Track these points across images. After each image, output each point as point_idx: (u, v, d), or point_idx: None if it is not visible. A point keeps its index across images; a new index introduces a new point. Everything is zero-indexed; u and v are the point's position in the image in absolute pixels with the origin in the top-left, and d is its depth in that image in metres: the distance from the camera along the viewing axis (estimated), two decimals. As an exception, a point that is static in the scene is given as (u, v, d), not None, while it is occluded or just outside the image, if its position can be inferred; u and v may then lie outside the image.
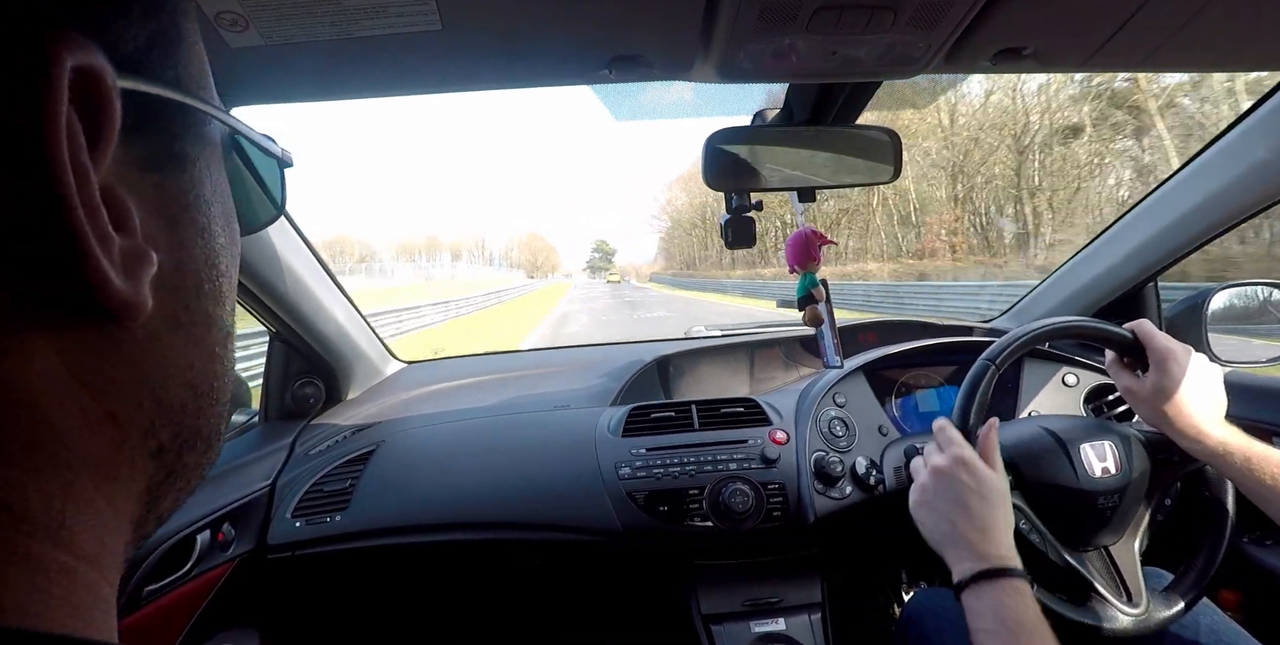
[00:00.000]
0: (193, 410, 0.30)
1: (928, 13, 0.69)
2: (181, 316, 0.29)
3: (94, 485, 0.25)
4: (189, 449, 0.30)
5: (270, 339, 1.58)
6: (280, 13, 0.62)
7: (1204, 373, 1.03)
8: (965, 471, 0.93)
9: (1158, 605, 1.03)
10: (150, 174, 0.27)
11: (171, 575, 1.10)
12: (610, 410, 1.55)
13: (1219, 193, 1.31)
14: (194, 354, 0.30)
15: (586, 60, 0.78)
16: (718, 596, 1.39)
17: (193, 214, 0.30)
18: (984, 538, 0.88)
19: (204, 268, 0.30)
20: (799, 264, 1.19)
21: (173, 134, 0.29)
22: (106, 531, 0.26)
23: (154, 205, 0.27)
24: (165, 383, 0.28)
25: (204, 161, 0.31)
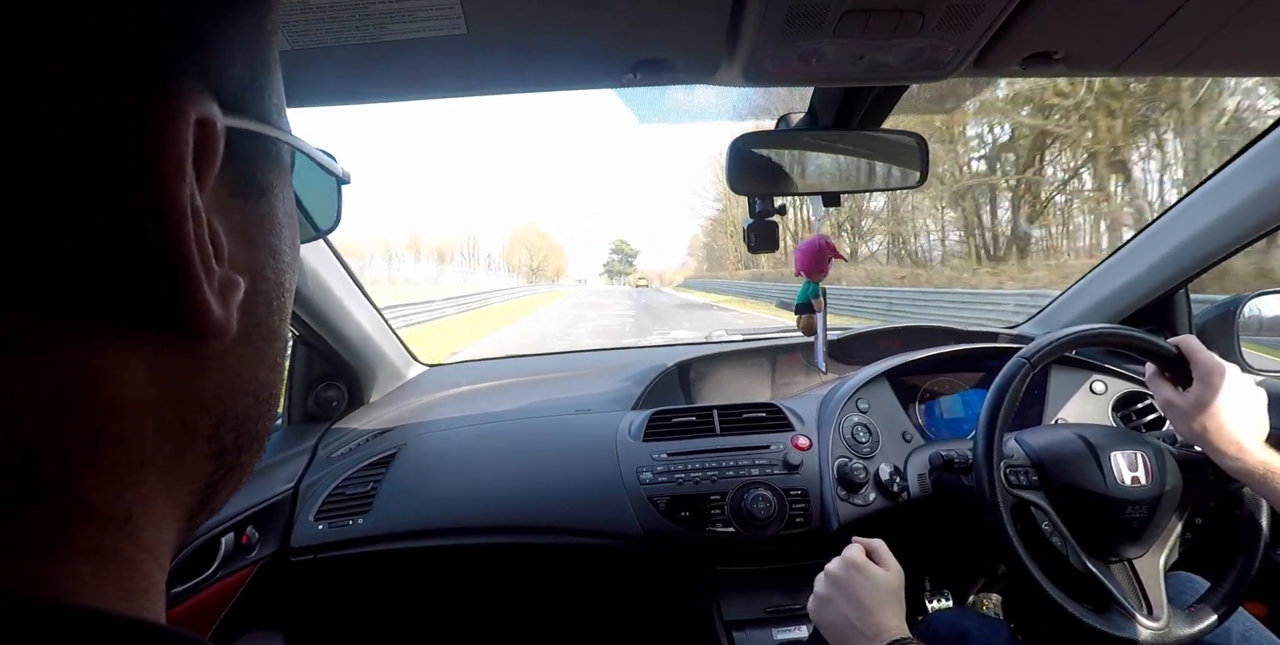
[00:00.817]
0: (254, 416, 0.32)
1: (957, 16, 0.68)
2: (253, 333, 0.31)
3: (161, 483, 0.27)
4: (246, 450, 0.32)
5: (294, 342, 1.59)
6: (307, 17, 0.62)
7: (1248, 392, 1.01)
8: (854, 571, 0.99)
9: (1180, 622, 1.01)
10: (236, 200, 0.29)
11: (197, 577, 1.11)
12: (631, 414, 1.55)
13: (1252, 199, 1.28)
14: (260, 366, 0.32)
15: (611, 64, 0.77)
16: (740, 603, 1.38)
17: (268, 237, 0.31)
18: (874, 620, 0.94)
19: (274, 286, 0.32)
20: (807, 271, 1.19)
21: (257, 163, 0.30)
22: (165, 524, 0.28)
23: (238, 230, 0.29)
24: (234, 393, 0.30)
25: (280, 186, 0.32)
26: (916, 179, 1.06)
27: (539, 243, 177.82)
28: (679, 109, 1.04)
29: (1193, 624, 1.01)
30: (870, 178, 1.07)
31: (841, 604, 0.97)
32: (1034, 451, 1.09)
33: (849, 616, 0.95)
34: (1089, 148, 23.10)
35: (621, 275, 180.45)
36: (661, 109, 1.03)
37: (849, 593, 0.97)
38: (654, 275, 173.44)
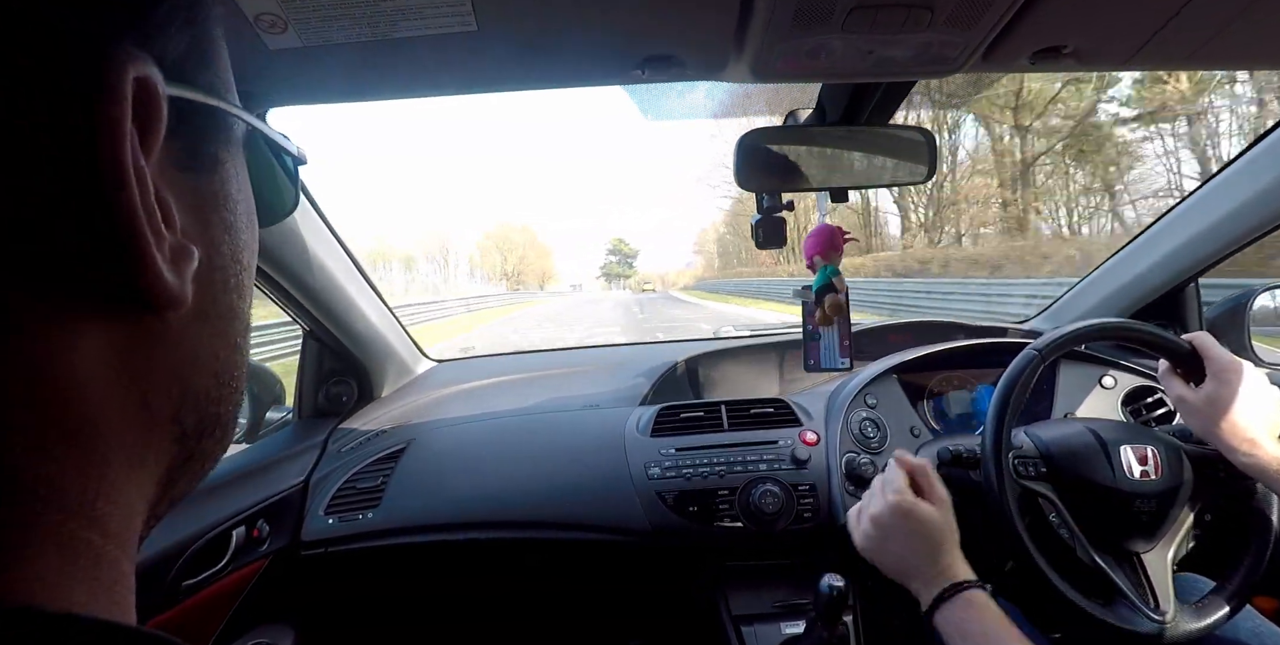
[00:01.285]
0: (215, 398, 0.31)
1: (966, 11, 0.68)
2: (210, 310, 0.30)
3: (125, 469, 0.26)
4: (208, 435, 0.31)
5: (304, 338, 1.60)
6: (319, 14, 0.63)
7: (1262, 389, 1.01)
8: (901, 517, 0.97)
9: (1186, 617, 1.00)
10: (185, 174, 0.29)
11: (208, 570, 1.12)
12: (639, 410, 1.55)
13: (1264, 192, 1.28)
14: (219, 345, 0.31)
15: (620, 60, 0.78)
16: (747, 597, 1.38)
17: (222, 212, 0.31)
18: (932, 563, 0.92)
19: (230, 263, 0.32)
20: (821, 254, 1.18)
21: (205, 136, 0.30)
22: (130, 513, 0.27)
23: (189, 204, 0.29)
24: (193, 372, 0.30)
25: (232, 161, 0.32)
26: (924, 174, 1.06)
27: (519, 242, 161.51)
28: (687, 105, 1.04)
29: (1201, 618, 1.01)
30: (878, 173, 1.07)
31: (896, 544, 0.97)
32: (1043, 443, 1.09)
33: (905, 556, 0.95)
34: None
35: (620, 278, 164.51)
36: (669, 105, 1.04)
37: (903, 536, 0.97)
38: (656, 278, 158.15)
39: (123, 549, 0.26)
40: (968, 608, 0.86)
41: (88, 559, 0.24)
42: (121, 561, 0.26)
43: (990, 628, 0.84)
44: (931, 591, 0.90)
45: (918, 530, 0.95)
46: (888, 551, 0.98)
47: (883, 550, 0.99)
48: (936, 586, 0.89)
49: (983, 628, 0.84)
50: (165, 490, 0.30)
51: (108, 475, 0.25)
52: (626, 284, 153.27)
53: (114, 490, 0.26)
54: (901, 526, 0.97)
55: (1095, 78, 21.14)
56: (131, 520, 0.27)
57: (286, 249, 1.26)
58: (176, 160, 0.28)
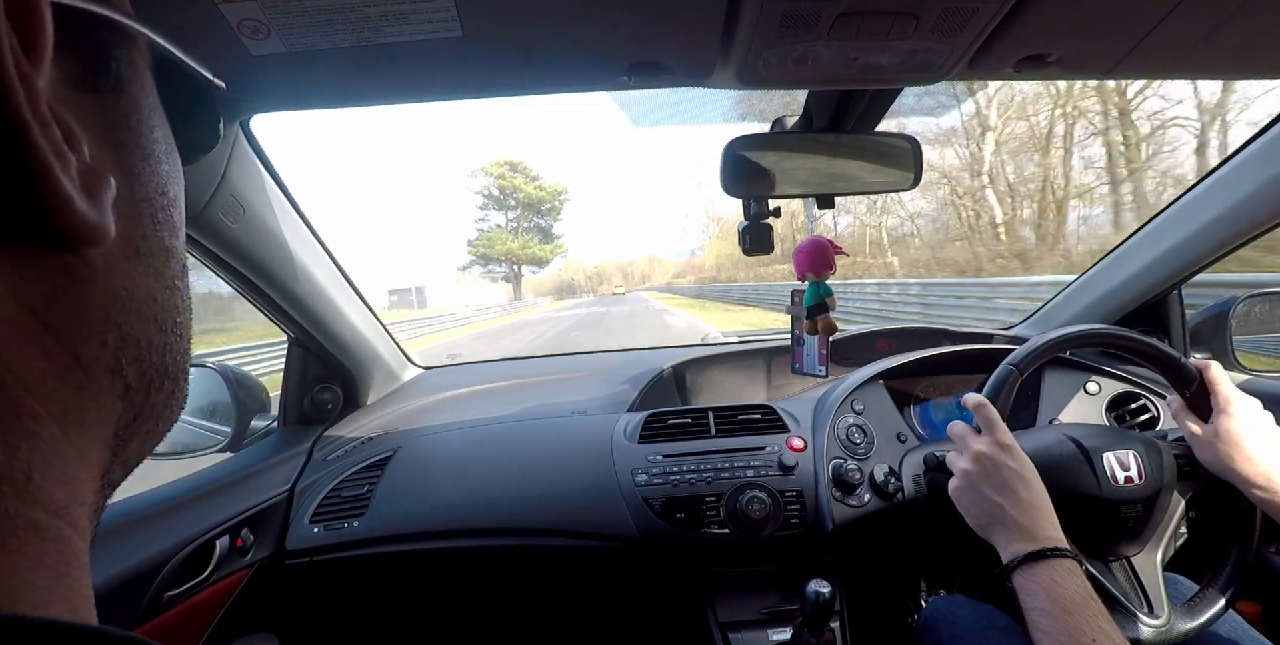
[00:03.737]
0: (159, 346, 0.29)
1: (951, 19, 0.69)
2: (140, 246, 0.28)
3: (61, 432, 0.23)
4: (157, 389, 0.29)
5: (289, 345, 1.59)
6: (302, 20, 0.62)
7: (1269, 424, 1.02)
8: (1008, 455, 0.95)
9: (1180, 617, 1.01)
10: (87, 94, 0.26)
11: (191, 581, 1.10)
12: (627, 416, 1.55)
13: (1247, 199, 1.29)
14: (155, 286, 0.29)
15: (606, 67, 0.78)
16: (735, 604, 1.38)
17: (137, 138, 0.28)
18: (1032, 520, 0.89)
19: (155, 195, 0.29)
20: (814, 271, 1.19)
21: (104, 53, 0.27)
22: (76, 482, 0.24)
23: (96, 128, 0.26)
24: (129, 318, 0.27)
25: (139, 84, 0.29)
26: (910, 181, 1.07)
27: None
28: (674, 111, 1.04)
29: (1193, 618, 1.01)
30: (864, 180, 1.07)
31: (993, 490, 0.93)
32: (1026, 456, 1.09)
33: (1003, 506, 0.91)
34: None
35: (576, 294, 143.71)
36: (656, 111, 1.04)
37: (1003, 479, 0.93)
38: (637, 273, 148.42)
39: (73, 525, 0.23)
40: (1067, 574, 0.83)
41: (31, 538, 0.21)
42: (73, 540, 0.23)
43: (1084, 599, 0.80)
44: (1022, 547, 0.86)
45: (1020, 473, 0.93)
46: (981, 492, 0.94)
47: (975, 491, 0.95)
48: (1034, 543, 0.86)
49: (1076, 596, 0.80)
50: (116, 454, 0.27)
51: (41, 440, 0.22)
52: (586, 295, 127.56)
53: (52, 457, 0.23)
54: (1005, 465, 0.94)
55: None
56: (78, 491, 0.24)
57: (270, 255, 1.26)
58: (75, 79, 0.25)
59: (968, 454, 0.99)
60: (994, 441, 0.96)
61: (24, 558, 0.21)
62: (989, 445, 0.96)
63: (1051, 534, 0.87)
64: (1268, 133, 1.24)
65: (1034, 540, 0.87)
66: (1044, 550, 0.85)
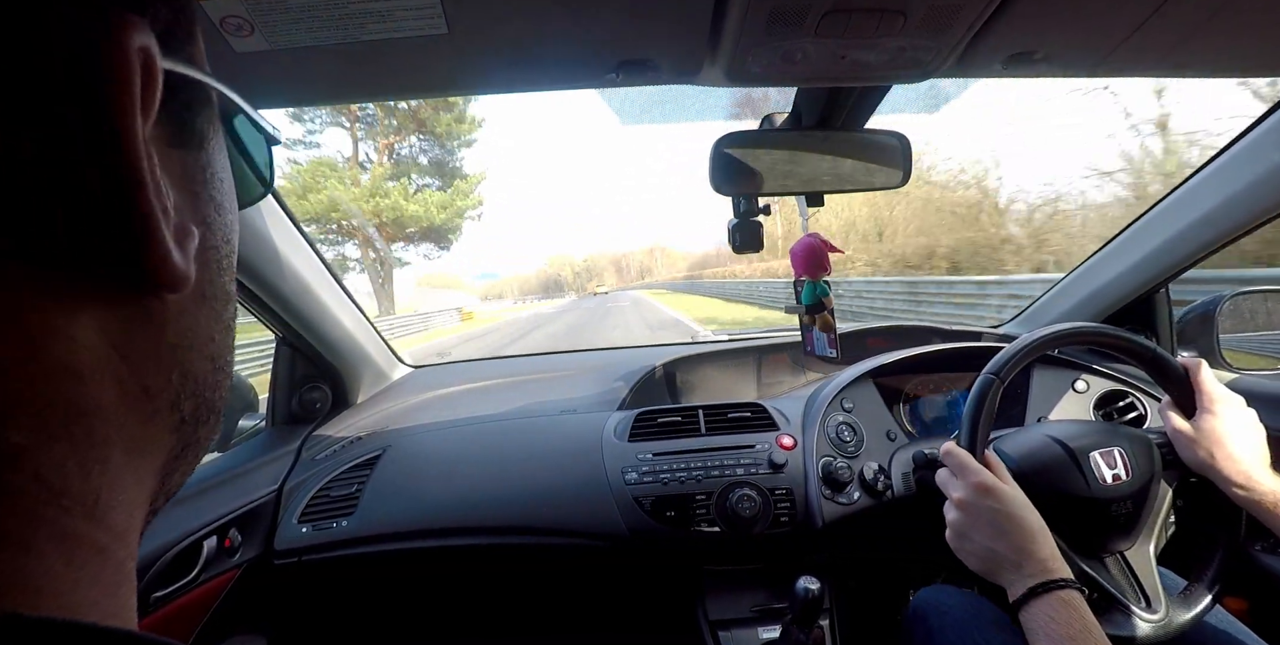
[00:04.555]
0: (211, 383, 0.31)
1: (939, 16, 0.69)
2: (206, 290, 0.30)
3: (126, 460, 0.25)
4: (204, 422, 0.31)
5: (277, 344, 1.58)
6: (285, 17, 0.62)
7: (1252, 421, 1.03)
8: (989, 497, 0.93)
9: (1177, 609, 1.01)
10: (175, 150, 0.28)
11: (178, 582, 1.10)
12: (617, 415, 1.55)
13: (1233, 198, 1.29)
14: (215, 328, 0.31)
15: (594, 64, 0.77)
16: (725, 602, 1.38)
17: (210, 190, 0.30)
18: (1025, 556, 0.88)
19: (223, 243, 0.31)
20: (809, 272, 1.19)
21: (192, 111, 0.29)
22: (134, 507, 0.26)
23: (179, 182, 0.28)
24: (191, 356, 0.29)
25: (215, 139, 0.31)
26: (899, 179, 1.07)
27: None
28: (662, 109, 1.04)
29: (1190, 608, 1.01)
30: (854, 178, 1.07)
31: (983, 535, 0.92)
32: (1013, 461, 1.09)
33: (995, 550, 0.90)
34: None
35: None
36: (644, 109, 1.04)
37: (989, 522, 0.92)
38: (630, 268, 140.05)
39: (127, 548, 0.25)
40: (1063, 607, 0.82)
41: (93, 559, 0.23)
42: (126, 562, 0.25)
43: (1079, 632, 0.80)
44: (1024, 584, 0.86)
45: (1005, 511, 0.91)
46: (972, 540, 0.93)
47: (968, 539, 0.94)
48: (1029, 579, 0.85)
49: (1071, 631, 0.80)
50: (163, 482, 0.29)
51: (110, 466, 0.24)
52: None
53: (117, 482, 0.24)
54: (987, 508, 0.92)
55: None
56: (134, 515, 0.26)
57: (258, 255, 1.25)
58: (167, 136, 0.27)
59: (951, 503, 0.98)
60: (971, 486, 0.96)
61: (86, 576, 0.22)
62: (967, 491, 0.96)
63: (1048, 566, 0.86)
64: (1254, 131, 1.24)
65: (1030, 576, 0.86)
66: (1038, 585, 0.85)
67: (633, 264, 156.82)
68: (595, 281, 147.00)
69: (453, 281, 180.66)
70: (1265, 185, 1.24)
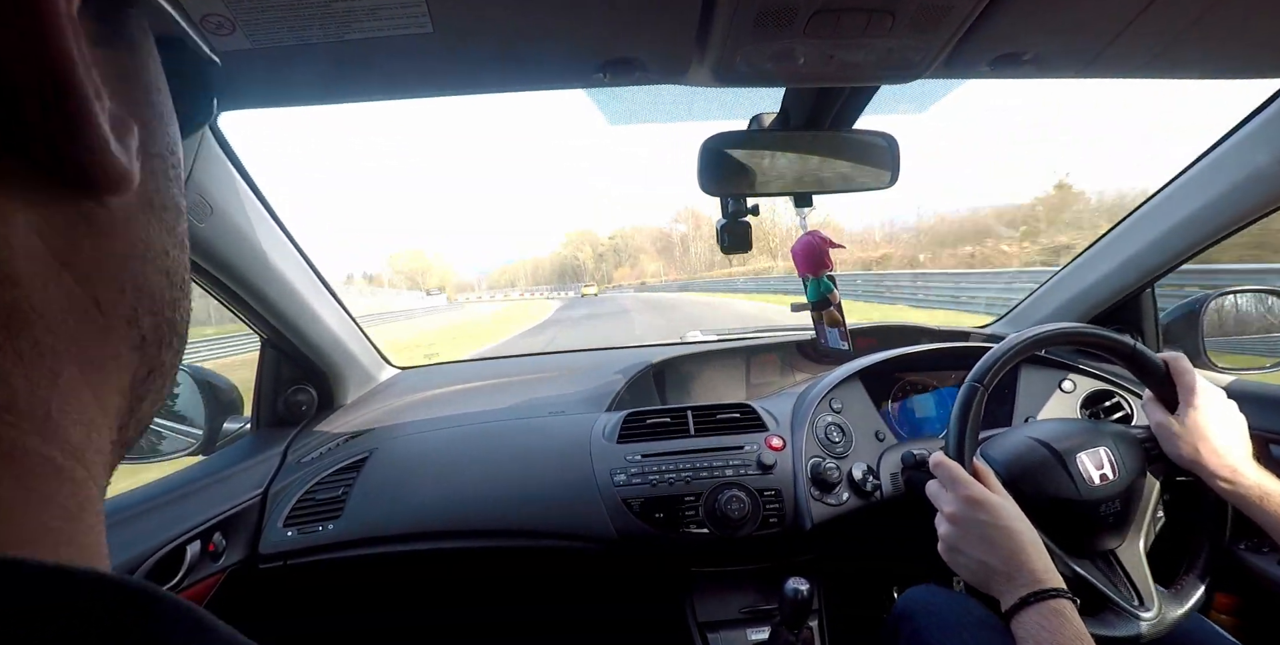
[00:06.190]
0: (169, 300, 0.29)
1: (926, 17, 0.69)
2: (154, 200, 0.28)
3: (81, 375, 0.23)
4: (166, 344, 0.29)
5: (262, 345, 1.56)
6: (266, 16, 0.61)
7: (1233, 414, 1.03)
8: (979, 510, 0.93)
9: (1170, 604, 1.02)
10: (102, 50, 0.25)
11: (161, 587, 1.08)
12: (605, 416, 1.54)
13: (1218, 199, 1.30)
14: (168, 241, 0.29)
15: (580, 64, 0.77)
16: (714, 604, 1.38)
17: (148, 96, 0.28)
18: (1016, 566, 0.88)
19: (166, 152, 0.29)
20: (811, 271, 1.19)
21: (116, 11, 0.27)
22: (93, 426, 0.24)
23: (113, 82, 0.25)
24: (144, 269, 0.27)
25: (146, 46, 0.29)
26: (888, 179, 1.07)
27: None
28: (650, 109, 1.03)
29: (1182, 602, 1.02)
30: (842, 178, 1.07)
31: (974, 548, 0.92)
32: (1000, 466, 1.08)
33: (988, 562, 0.90)
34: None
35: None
36: (632, 108, 1.03)
37: (979, 535, 0.92)
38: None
39: (88, 469, 0.23)
40: (1053, 617, 0.82)
41: (46, 477, 0.21)
42: (88, 483, 0.23)
43: (1069, 641, 0.80)
44: (1015, 594, 0.86)
45: (995, 524, 0.91)
46: (964, 553, 0.94)
47: (960, 553, 0.94)
48: (1020, 589, 0.85)
49: (1062, 640, 0.80)
50: (132, 407, 0.27)
51: (60, 380, 0.22)
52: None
53: (71, 397, 0.23)
54: (977, 521, 0.92)
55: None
56: (94, 436, 0.24)
57: (241, 255, 1.23)
58: (91, 34, 0.24)
59: (942, 516, 0.99)
60: (961, 498, 0.96)
61: (38, 496, 0.21)
62: (957, 504, 0.96)
63: (1039, 577, 0.87)
64: (1238, 133, 1.25)
65: (1021, 586, 0.86)
66: (1028, 595, 0.85)
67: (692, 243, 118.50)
68: (628, 267, 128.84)
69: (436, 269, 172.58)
70: (1248, 187, 1.25)
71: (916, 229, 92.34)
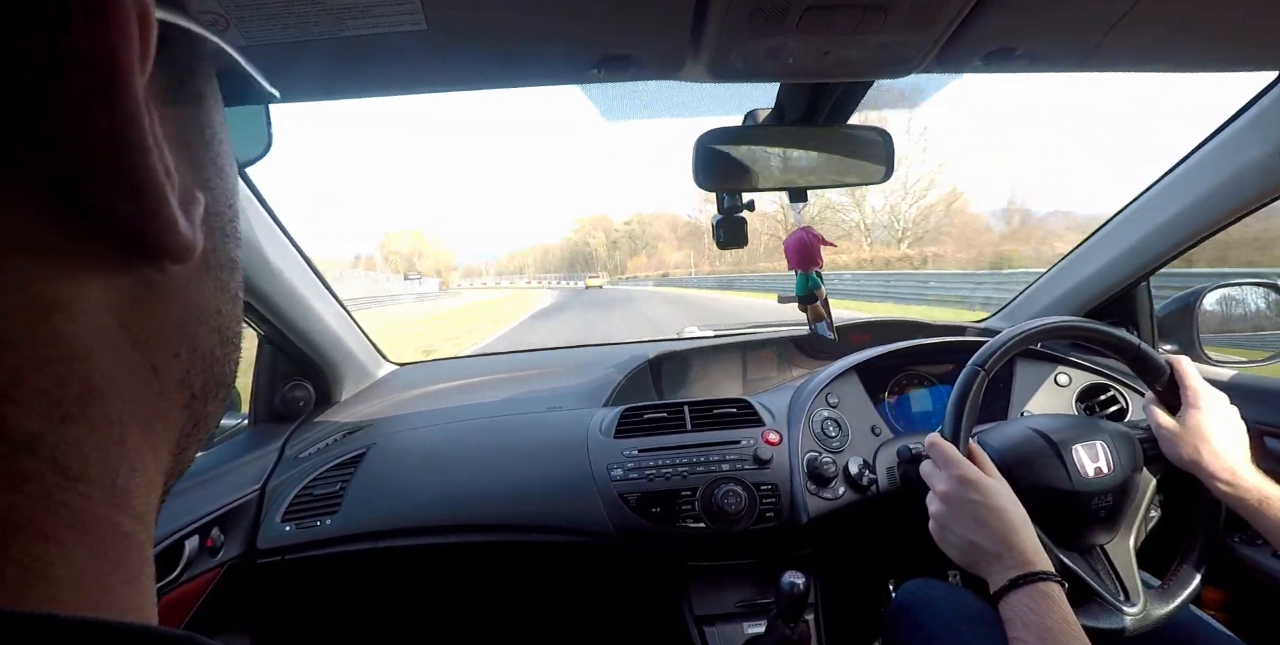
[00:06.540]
0: (220, 357, 0.29)
1: (919, 12, 0.69)
2: (211, 260, 0.28)
3: (143, 439, 0.24)
4: (213, 397, 0.29)
5: (260, 341, 1.57)
6: (261, 13, 0.61)
7: (1234, 417, 1.04)
8: (971, 490, 0.93)
9: (1155, 602, 1.02)
10: (170, 108, 0.25)
11: (160, 582, 1.09)
12: (603, 411, 1.55)
13: (1212, 192, 1.30)
14: (221, 299, 0.29)
15: (575, 60, 0.77)
16: (710, 598, 1.39)
17: (211, 153, 0.28)
18: (1006, 547, 0.88)
19: (225, 209, 0.29)
20: (801, 266, 1.20)
21: (186, 67, 0.27)
22: (152, 488, 0.25)
23: (179, 143, 0.26)
24: (199, 330, 0.27)
25: (212, 96, 0.29)
26: (882, 174, 1.07)
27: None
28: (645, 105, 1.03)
29: (1168, 601, 1.03)
30: (836, 173, 1.07)
31: (965, 528, 0.92)
32: (996, 452, 1.09)
33: (978, 542, 0.91)
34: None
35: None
36: (627, 105, 1.03)
37: (971, 515, 0.92)
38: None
39: (148, 531, 0.24)
40: (1042, 599, 0.83)
41: (116, 544, 0.22)
42: (146, 545, 0.24)
43: (1057, 624, 0.80)
44: (1004, 575, 0.86)
45: (987, 504, 0.91)
46: (954, 532, 0.94)
47: (950, 531, 0.94)
48: (1010, 570, 0.86)
49: (1049, 622, 0.80)
50: (177, 461, 0.27)
51: (127, 449, 0.23)
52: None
53: (135, 462, 0.23)
54: (969, 500, 0.92)
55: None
56: (152, 496, 0.25)
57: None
58: (161, 93, 0.24)
59: (934, 494, 0.99)
60: (954, 478, 0.96)
61: (107, 563, 0.21)
62: (950, 483, 0.96)
63: (1027, 558, 0.87)
64: (1232, 125, 1.25)
65: (1011, 568, 0.87)
66: (1018, 577, 0.85)
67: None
68: (644, 256, 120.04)
69: (432, 253, 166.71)
70: (1243, 180, 1.25)
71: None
